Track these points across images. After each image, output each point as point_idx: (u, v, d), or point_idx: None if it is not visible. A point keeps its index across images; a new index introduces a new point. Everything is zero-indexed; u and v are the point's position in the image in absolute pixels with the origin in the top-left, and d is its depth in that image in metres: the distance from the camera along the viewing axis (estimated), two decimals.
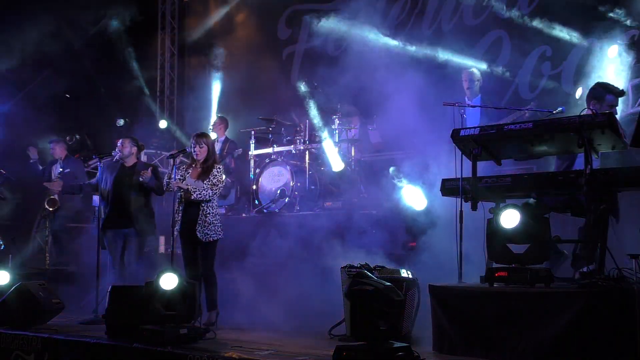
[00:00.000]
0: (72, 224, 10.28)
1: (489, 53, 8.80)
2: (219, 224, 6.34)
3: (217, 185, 6.30)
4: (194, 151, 6.38)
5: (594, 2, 7.89)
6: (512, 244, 4.58)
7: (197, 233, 6.20)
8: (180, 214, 6.26)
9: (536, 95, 8.34)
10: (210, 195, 6.24)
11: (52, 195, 9.01)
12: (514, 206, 4.50)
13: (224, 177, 6.42)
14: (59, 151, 9.32)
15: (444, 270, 5.49)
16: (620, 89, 5.51)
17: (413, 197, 6.98)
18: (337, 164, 8.13)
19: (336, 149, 8.21)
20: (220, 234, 6.33)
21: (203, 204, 6.23)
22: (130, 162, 7.34)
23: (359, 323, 4.21)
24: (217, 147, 9.10)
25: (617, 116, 5.13)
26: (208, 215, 6.23)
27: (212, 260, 6.34)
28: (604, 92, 5.37)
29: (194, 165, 6.43)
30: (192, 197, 6.19)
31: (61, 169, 9.18)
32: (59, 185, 8.91)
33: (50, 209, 9.04)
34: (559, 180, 4.52)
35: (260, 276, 7.08)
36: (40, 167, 9.50)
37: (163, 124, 11.66)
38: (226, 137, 9.81)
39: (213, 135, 8.78)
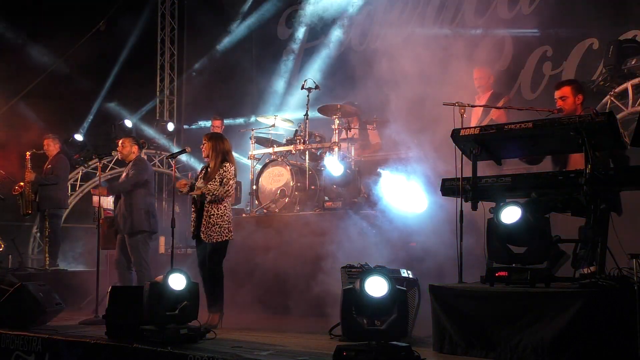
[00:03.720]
0: (70, 224, 10.30)
1: (491, 54, 8.79)
2: (226, 225, 6.28)
3: (225, 186, 6.18)
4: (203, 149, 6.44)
5: (595, 2, 7.89)
6: (512, 244, 4.58)
7: (201, 234, 6.20)
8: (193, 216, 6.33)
9: (537, 95, 8.34)
10: (220, 193, 6.17)
11: (21, 183, 9.16)
12: (515, 203, 4.49)
13: (231, 172, 6.29)
14: (52, 148, 9.36)
15: (444, 270, 5.50)
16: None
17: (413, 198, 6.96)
18: (336, 169, 8.10)
19: (335, 151, 8.18)
20: (226, 236, 6.28)
21: (207, 205, 6.21)
22: (129, 160, 7.38)
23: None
24: None
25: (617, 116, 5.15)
26: (212, 216, 6.20)
27: (218, 262, 6.30)
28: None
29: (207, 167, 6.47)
30: (208, 200, 6.19)
31: (49, 166, 9.28)
32: (32, 176, 9.07)
33: (14, 193, 9.20)
34: (559, 180, 4.51)
35: (260, 276, 7.09)
36: None
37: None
38: None
39: None
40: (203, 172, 6.49)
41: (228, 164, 6.30)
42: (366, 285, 4.17)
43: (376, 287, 4.17)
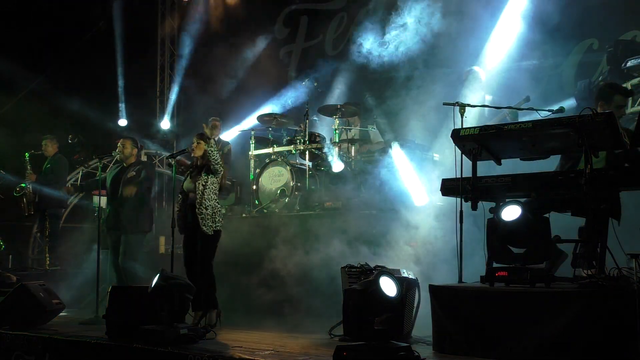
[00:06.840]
0: (70, 224, 10.30)
1: (491, 54, 8.77)
2: (218, 218, 6.21)
3: (217, 159, 6.16)
4: (191, 148, 6.35)
5: (595, 2, 7.89)
6: (512, 245, 4.58)
7: (201, 226, 6.14)
8: (180, 213, 6.26)
9: (537, 95, 8.33)
10: (217, 158, 6.13)
11: (22, 184, 9.16)
12: (516, 201, 4.50)
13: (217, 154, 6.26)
14: (50, 148, 9.35)
15: (444, 270, 5.50)
16: (629, 88, 5.45)
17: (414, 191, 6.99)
18: (336, 164, 8.12)
19: (335, 150, 8.20)
20: (218, 226, 6.20)
21: (198, 198, 6.14)
22: (129, 162, 7.39)
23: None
24: None
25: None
26: (207, 207, 6.14)
27: (211, 256, 6.26)
28: (612, 92, 5.35)
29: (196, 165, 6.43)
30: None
31: (48, 165, 9.28)
32: (33, 177, 9.10)
33: (16, 195, 9.19)
34: (559, 180, 4.52)
35: (260, 276, 7.09)
36: None
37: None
38: (219, 138, 9.80)
39: None
40: (191, 171, 6.42)
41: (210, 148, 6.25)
42: (381, 286, 4.21)
43: (389, 287, 4.24)
